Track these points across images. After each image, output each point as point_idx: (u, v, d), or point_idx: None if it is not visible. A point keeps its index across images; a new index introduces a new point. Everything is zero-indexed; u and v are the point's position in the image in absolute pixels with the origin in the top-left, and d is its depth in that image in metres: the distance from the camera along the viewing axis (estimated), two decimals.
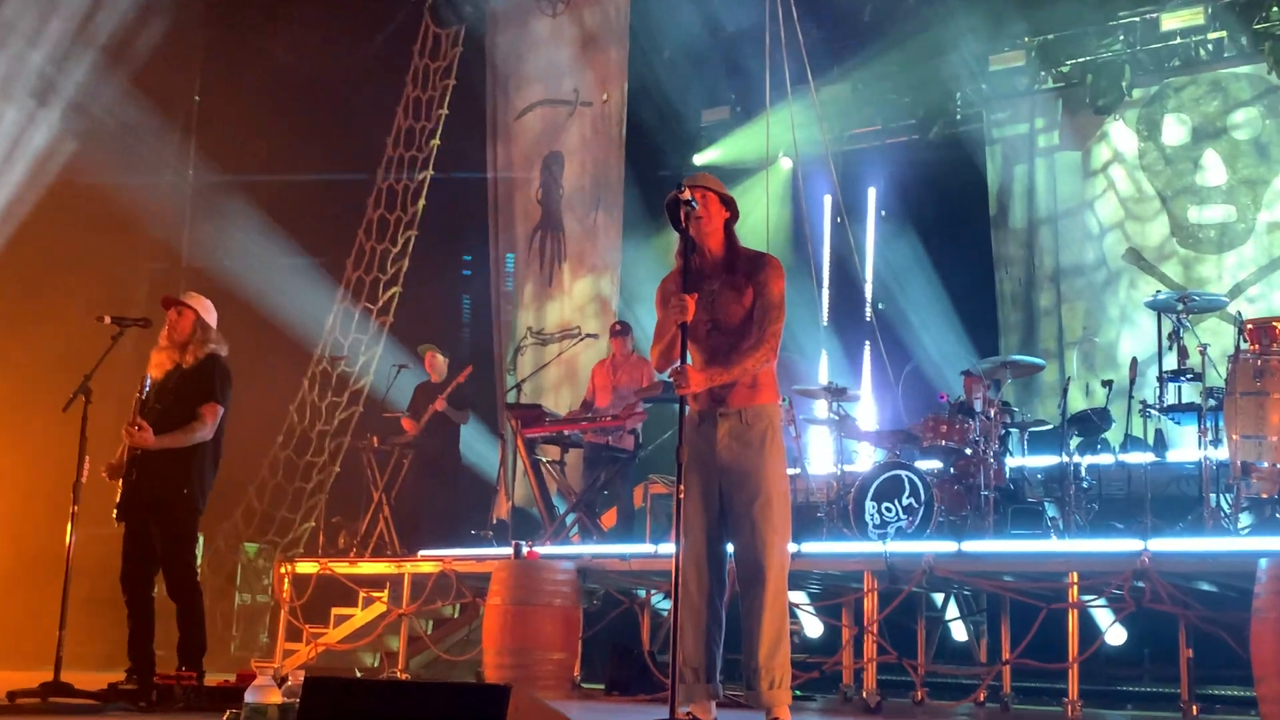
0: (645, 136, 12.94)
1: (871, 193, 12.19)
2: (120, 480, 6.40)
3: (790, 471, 8.70)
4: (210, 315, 6.64)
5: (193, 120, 14.05)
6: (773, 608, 4.62)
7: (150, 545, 6.37)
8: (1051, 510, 7.97)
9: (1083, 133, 11.06)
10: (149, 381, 6.46)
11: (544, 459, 9.63)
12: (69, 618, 6.21)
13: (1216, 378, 7.30)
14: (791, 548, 6.90)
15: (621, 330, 10.06)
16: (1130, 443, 8.13)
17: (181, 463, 6.35)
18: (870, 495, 8.04)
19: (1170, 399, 7.57)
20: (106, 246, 12.51)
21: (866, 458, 9.44)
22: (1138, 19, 10.63)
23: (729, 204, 4.91)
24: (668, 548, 7.70)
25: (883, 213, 12.15)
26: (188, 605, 6.37)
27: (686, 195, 4.65)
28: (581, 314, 12.56)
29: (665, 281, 4.92)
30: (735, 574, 4.76)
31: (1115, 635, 7.27)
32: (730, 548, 4.80)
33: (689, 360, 4.69)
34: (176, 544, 6.38)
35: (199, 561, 7.12)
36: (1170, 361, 7.57)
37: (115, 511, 6.40)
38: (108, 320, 6.41)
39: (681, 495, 4.54)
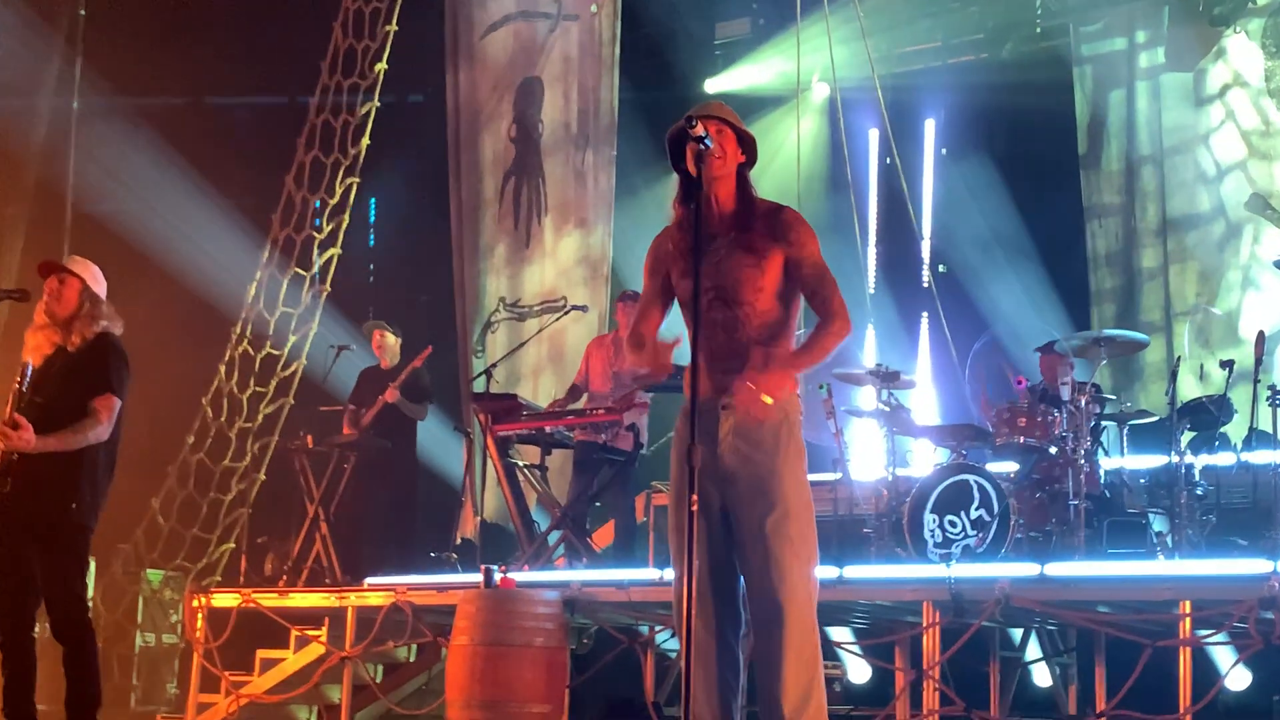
0: (644, 58, 12.93)
1: (929, 126, 12.17)
2: None
3: (828, 477, 8.83)
4: (99, 285, 6.62)
5: (78, 31, 14.03)
6: (798, 650, 4.59)
7: (30, 574, 6.35)
8: (1158, 524, 7.97)
9: (1195, 49, 11.02)
10: (29, 368, 6.44)
11: (521, 462, 9.62)
12: None
13: None
14: (827, 573, 6.94)
15: (632, 298, 10.04)
16: (1256, 438, 8.13)
17: (67, 471, 6.33)
18: (930, 506, 8.03)
19: None
20: None
21: (925, 459, 9.43)
22: None
23: (747, 144, 4.86)
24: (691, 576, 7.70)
25: (943, 151, 12.14)
26: (77, 648, 6.35)
27: (699, 130, 4.59)
28: (568, 280, 12.55)
29: (659, 240, 4.90)
30: (750, 610, 4.74)
31: (1238, 679, 7.27)
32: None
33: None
34: (62, 572, 6.36)
35: (90, 594, 7.13)
36: None
37: None
38: None
39: (695, 508, 4.50)
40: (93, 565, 10.69)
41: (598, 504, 9.70)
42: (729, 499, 4.73)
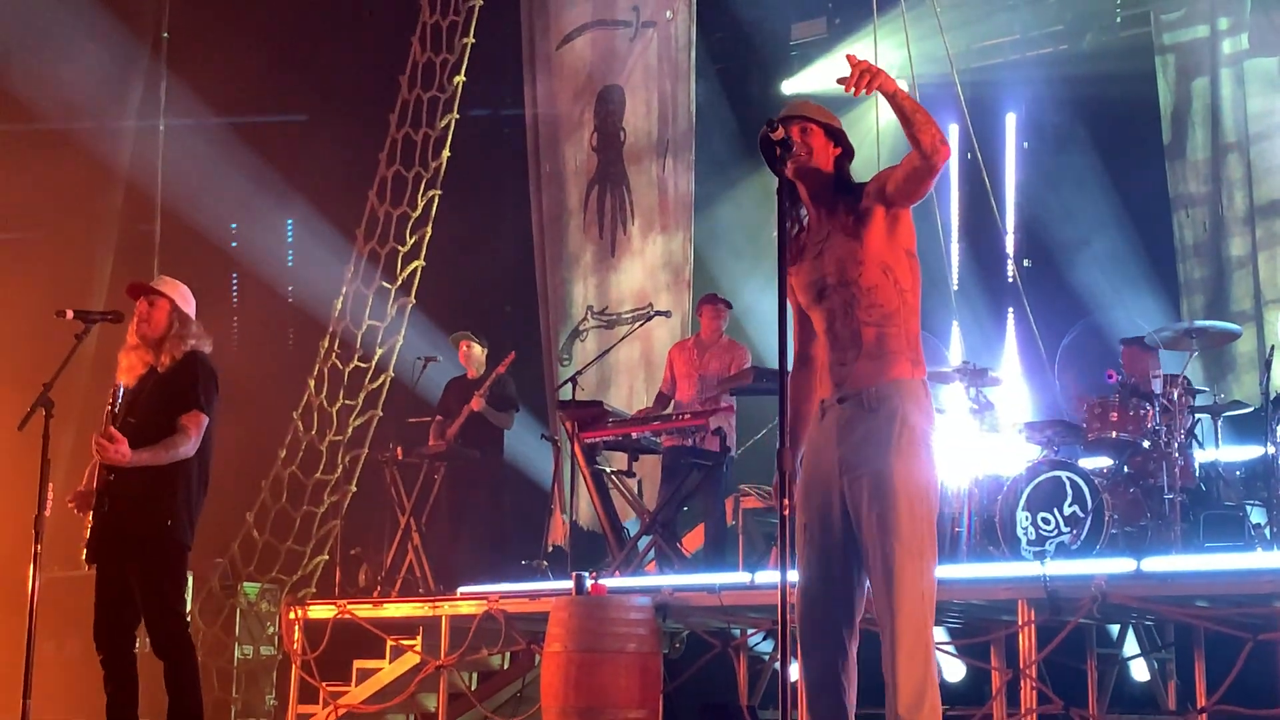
0: (720, 62, 12.91)
1: (1010, 120, 12.05)
2: (90, 513, 6.47)
3: None
4: (188, 304, 6.69)
5: (161, 52, 14.22)
6: (910, 650, 4.52)
7: (129, 591, 6.43)
8: (1255, 515, 7.87)
9: (1279, 33, 10.85)
10: (121, 389, 6.52)
11: (608, 469, 9.63)
12: (34, 683, 6.29)
13: None
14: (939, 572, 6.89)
15: (713, 301, 10.03)
16: None
17: (162, 488, 6.40)
18: (1022, 504, 7.98)
19: None
20: (61, 218, 12.74)
21: (1015, 457, 9.34)
22: None
23: (838, 136, 4.83)
24: (767, 576, 7.68)
25: (1025, 145, 12.02)
26: (178, 663, 6.42)
27: (780, 134, 4.57)
28: (653, 286, 12.57)
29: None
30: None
31: None
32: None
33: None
34: (161, 588, 6.43)
35: (189, 608, 7.20)
36: None
37: (84, 551, 6.48)
38: (70, 315, 6.47)
39: (786, 512, 4.48)
40: (190, 580, 10.84)
41: (685, 509, 9.69)
42: (847, 493, 4.64)
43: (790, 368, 4.61)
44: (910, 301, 4.71)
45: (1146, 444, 8.00)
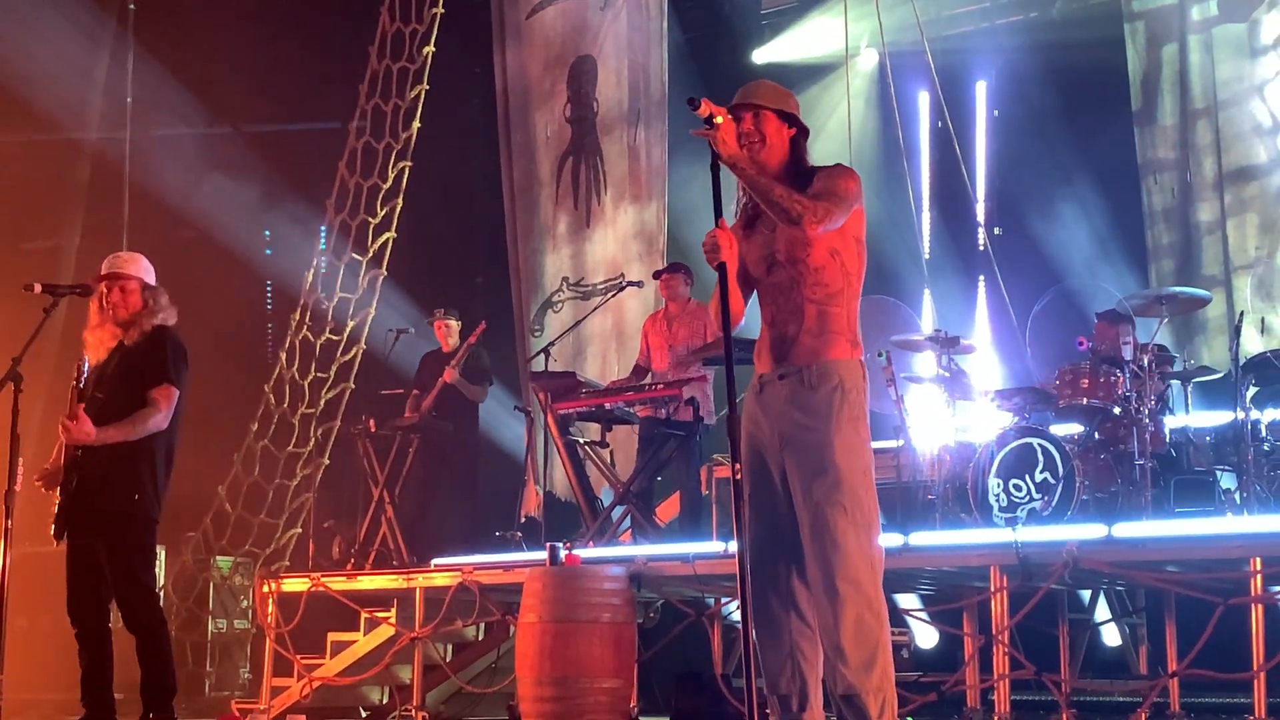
0: (691, 31, 12.86)
1: (980, 88, 12.05)
2: (57, 490, 6.44)
3: (890, 444, 8.78)
4: (151, 274, 6.66)
5: (128, 21, 14.11)
6: (857, 620, 4.55)
7: (100, 566, 6.42)
8: (1225, 480, 7.90)
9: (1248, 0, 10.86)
10: (86, 365, 6.48)
11: (582, 439, 9.63)
12: (7, 659, 6.26)
13: None
14: (891, 540, 6.91)
15: (672, 271, 10.01)
16: None
17: (130, 464, 6.39)
18: (994, 471, 8.00)
19: None
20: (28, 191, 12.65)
21: (987, 424, 9.36)
22: None
23: (791, 119, 4.87)
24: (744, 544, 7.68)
25: (995, 112, 12.02)
26: (150, 637, 6.42)
27: (705, 111, 4.62)
28: (626, 256, 12.55)
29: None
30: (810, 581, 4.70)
31: None
32: None
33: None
34: (131, 563, 6.42)
35: (161, 583, 7.18)
36: None
37: (53, 527, 6.45)
38: (38, 289, 6.43)
39: (739, 478, 4.51)
40: (162, 554, 10.82)
41: (659, 478, 9.69)
42: (787, 466, 4.72)
43: (741, 336, 4.69)
44: (854, 285, 4.80)
45: (1117, 410, 8.02)
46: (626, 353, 11.35)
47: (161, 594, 6.83)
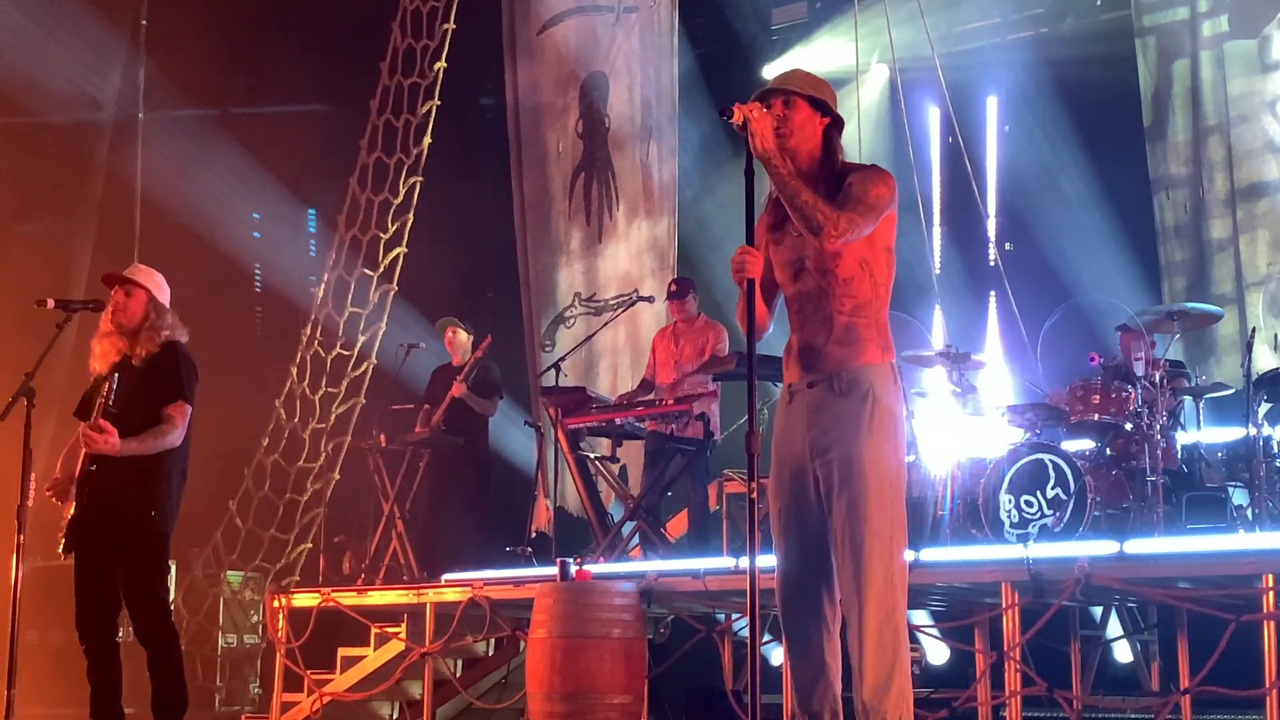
0: (701, 46, 12.89)
1: (991, 104, 12.06)
2: (69, 503, 6.45)
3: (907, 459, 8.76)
4: (164, 293, 6.68)
5: (140, 40, 14.16)
6: (877, 634, 4.53)
7: (111, 580, 6.42)
8: (1237, 497, 7.88)
9: (1259, 15, 10.85)
10: (116, 380, 6.48)
11: (592, 454, 9.63)
12: (18, 673, 6.28)
13: None
14: (908, 555, 6.89)
15: (679, 290, 10.01)
16: None
17: (143, 480, 6.40)
18: (1005, 487, 7.99)
19: None
20: (40, 208, 12.68)
21: (998, 439, 9.35)
22: None
23: (824, 107, 4.75)
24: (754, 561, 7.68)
25: (1006, 128, 12.03)
26: (161, 652, 6.42)
27: (739, 118, 4.51)
28: (639, 271, 12.58)
29: (756, 227, 4.78)
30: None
31: None
32: None
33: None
34: (143, 577, 6.43)
35: (172, 597, 7.19)
36: None
37: (61, 542, 6.47)
38: (51, 305, 6.45)
39: (753, 495, 4.49)
40: (173, 569, 10.83)
41: (669, 494, 9.69)
42: (817, 476, 4.66)
43: (757, 349, 4.65)
44: (883, 294, 4.73)
45: (1129, 426, 8.01)
46: (639, 367, 11.36)
47: (172, 608, 6.82)
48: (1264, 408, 8.01)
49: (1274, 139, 10.70)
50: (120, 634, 6.57)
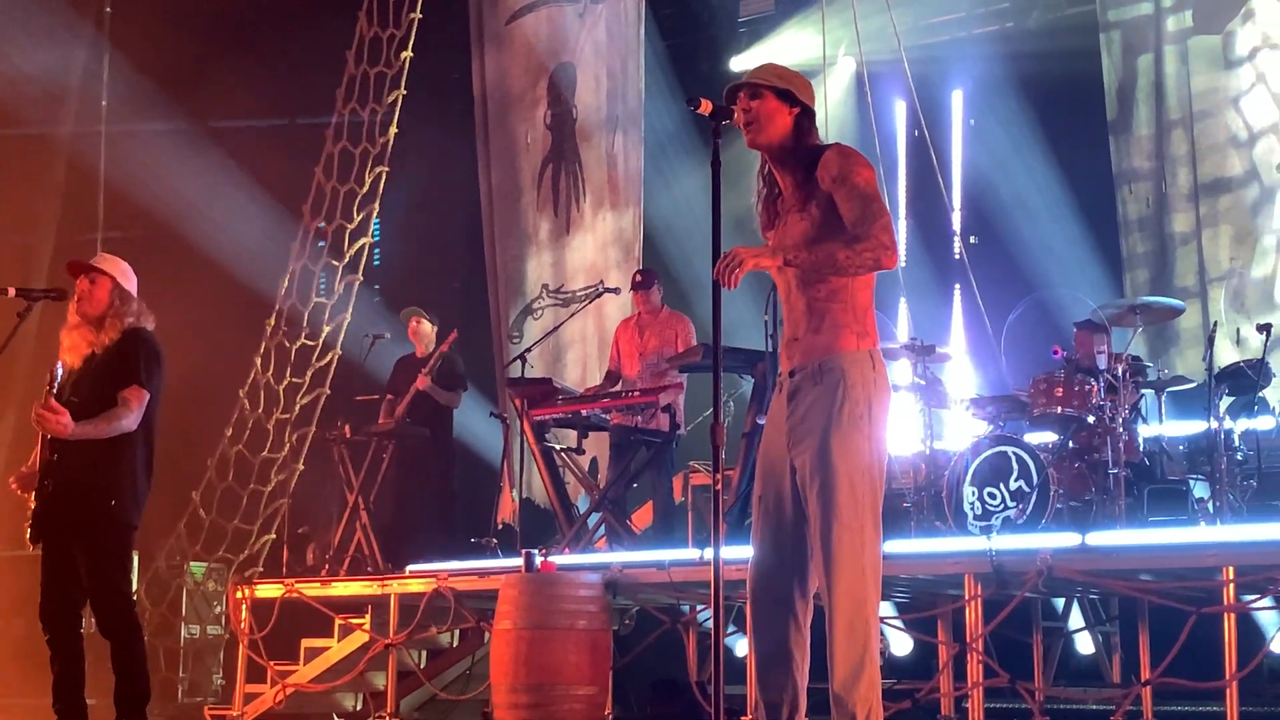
0: (669, 38, 12.89)
1: (957, 97, 12.09)
2: (32, 493, 6.42)
3: None
4: (129, 281, 6.64)
5: (104, 24, 14.07)
6: (848, 626, 4.54)
7: (74, 570, 6.39)
8: (1199, 490, 7.93)
9: (1223, 10, 10.91)
10: (60, 368, 6.47)
11: (558, 446, 9.63)
12: None
13: None
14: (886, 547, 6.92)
15: (644, 281, 10.01)
16: None
17: (106, 469, 6.37)
18: (969, 479, 8.02)
19: None
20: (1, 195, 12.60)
21: (962, 432, 9.40)
22: None
23: (789, 97, 4.71)
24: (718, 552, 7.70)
25: (972, 122, 12.07)
26: (124, 643, 6.39)
27: (708, 108, 4.56)
28: (605, 263, 12.57)
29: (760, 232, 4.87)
30: None
31: None
32: None
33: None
34: (106, 568, 6.40)
35: (135, 588, 7.15)
36: None
37: (28, 531, 6.43)
38: (12, 293, 6.42)
39: (718, 487, 4.50)
40: (136, 560, 10.76)
41: (635, 485, 9.70)
42: (796, 469, 4.67)
43: (724, 342, 4.68)
44: (861, 280, 4.67)
45: (1091, 419, 8.05)
46: (606, 359, 11.36)
47: (135, 599, 6.78)
48: (1225, 401, 8.07)
49: (1237, 134, 10.77)
50: (84, 624, 6.54)
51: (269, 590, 9.41)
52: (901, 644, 8.60)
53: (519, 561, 7.90)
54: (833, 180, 4.58)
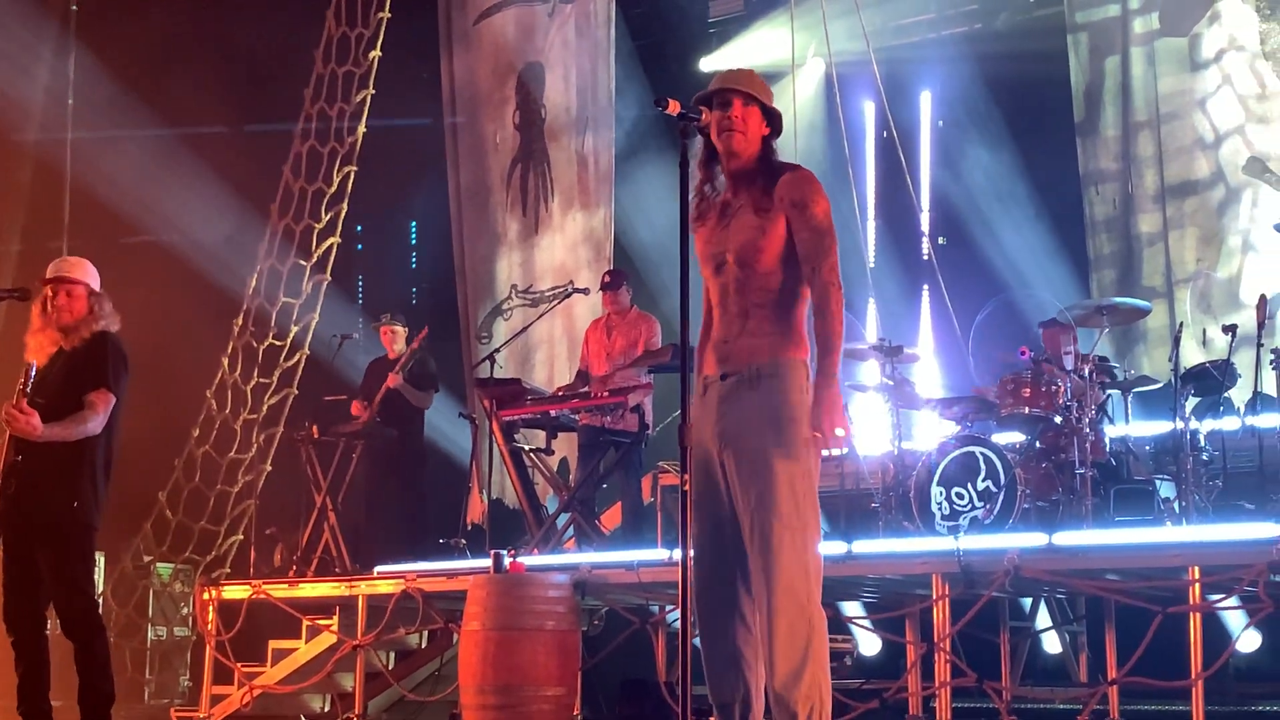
0: (639, 39, 12.88)
1: (926, 98, 12.13)
2: None
3: (834, 452, 8.75)
4: (97, 280, 6.62)
5: (70, 23, 13.99)
6: (789, 627, 4.54)
7: (37, 572, 6.37)
8: (1165, 490, 7.96)
9: (1189, 13, 10.97)
10: (34, 368, 6.43)
11: (527, 446, 9.62)
12: None
13: None
14: (835, 548, 6.94)
15: (613, 281, 10.01)
16: (1260, 402, 8.11)
17: (69, 470, 6.35)
18: (937, 479, 8.03)
19: None
20: None
21: (930, 432, 9.42)
22: None
23: (772, 116, 4.84)
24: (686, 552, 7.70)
25: (940, 123, 12.11)
26: (88, 645, 6.36)
27: (675, 109, 4.59)
28: (575, 263, 12.57)
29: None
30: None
31: (1248, 643, 7.27)
32: None
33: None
34: (68, 570, 6.37)
35: (100, 589, 7.12)
36: None
37: None
38: None
39: (687, 487, 4.51)
40: (101, 561, 10.73)
41: (604, 486, 9.69)
42: (727, 470, 4.71)
43: (696, 341, 4.69)
44: (801, 291, 4.77)
45: (1058, 419, 8.07)
46: (576, 359, 11.35)
47: (100, 601, 6.77)
48: (1191, 402, 8.10)
49: (1203, 136, 10.83)
50: (49, 626, 6.51)
51: (236, 591, 9.37)
52: (870, 644, 8.62)
53: (488, 562, 7.89)
54: (792, 204, 4.71)
